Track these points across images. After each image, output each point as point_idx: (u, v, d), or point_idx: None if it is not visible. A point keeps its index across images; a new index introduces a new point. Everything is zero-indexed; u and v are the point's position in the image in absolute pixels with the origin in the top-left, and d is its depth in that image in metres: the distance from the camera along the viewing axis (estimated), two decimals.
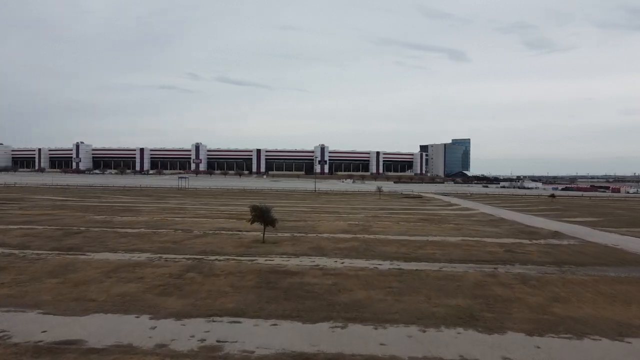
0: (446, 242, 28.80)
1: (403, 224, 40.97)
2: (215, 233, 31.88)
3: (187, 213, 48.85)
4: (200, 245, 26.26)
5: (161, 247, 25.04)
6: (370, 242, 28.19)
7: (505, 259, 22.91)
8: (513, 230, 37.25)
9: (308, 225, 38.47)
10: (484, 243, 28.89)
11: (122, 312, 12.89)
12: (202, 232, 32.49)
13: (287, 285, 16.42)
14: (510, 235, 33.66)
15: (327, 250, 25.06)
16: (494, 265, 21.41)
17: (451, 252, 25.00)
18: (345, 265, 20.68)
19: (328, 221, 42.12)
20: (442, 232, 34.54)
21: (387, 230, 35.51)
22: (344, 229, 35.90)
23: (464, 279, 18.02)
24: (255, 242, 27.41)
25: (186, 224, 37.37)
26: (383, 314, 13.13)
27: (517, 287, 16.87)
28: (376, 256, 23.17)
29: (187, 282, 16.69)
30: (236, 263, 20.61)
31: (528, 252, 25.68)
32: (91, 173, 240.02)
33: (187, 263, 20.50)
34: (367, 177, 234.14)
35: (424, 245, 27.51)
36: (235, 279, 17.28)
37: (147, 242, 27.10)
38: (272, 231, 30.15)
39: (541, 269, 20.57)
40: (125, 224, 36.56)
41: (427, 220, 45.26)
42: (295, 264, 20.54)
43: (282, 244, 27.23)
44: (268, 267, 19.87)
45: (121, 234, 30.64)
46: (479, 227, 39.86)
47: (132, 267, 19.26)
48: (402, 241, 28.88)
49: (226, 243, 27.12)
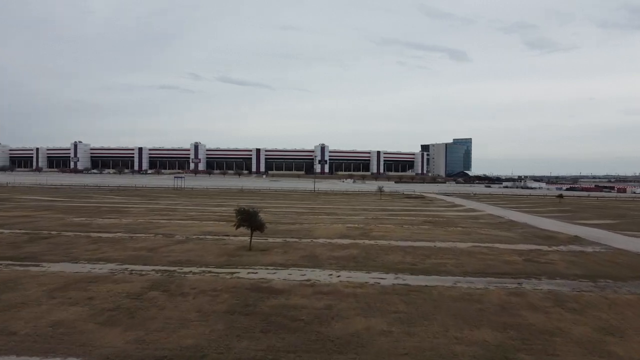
0: (456, 250, 25.60)
1: (406, 227, 37.76)
2: (199, 238, 28.71)
3: (175, 215, 45.71)
4: (178, 253, 23.09)
5: (132, 256, 21.88)
6: (370, 250, 25.00)
7: (529, 271, 19.70)
8: (527, 235, 34.03)
9: (303, 228, 35.30)
10: (499, 250, 25.67)
11: (42, 355, 9.73)
12: (185, 237, 29.33)
13: (268, 310, 13.25)
14: (525, 241, 30.44)
15: (321, 259, 21.87)
16: (517, 279, 18.22)
17: (464, 261, 21.80)
18: (342, 279, 17.50)
19: (325, 224, 38.94)
20: (450, 237, 31.35)
21: (390, 234, 32.32)
22: (342, 233, 32.72)
23: (485, 300, 14.83)
24: (241, 250, 24.24)
25: (170, 228, 34.23)
26: (389, 356, 9.95)
27: (553, 311, 13.68)
28: (378, 267, 20.00)
29: (144, 306, 13.52)
30: (212, 277, 17.44)
31: (551, 261, 22.47)
32: (89, 173, 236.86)
33: (154, 277, 17.33)
34: (368, 177, 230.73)
35: (432, 253, 24.31)
36: (205, 301, 14.10)
37: (119, 249, 23.93)
38: (262, 236, 27.01)
39: (574, 285, 17.36)
40: (103, 228, 33.43)
41: (432, 222, 42.04)
42: (282, 279, 17.36)
43: (272, 251, 24.05)
44: (249, 282, 16.68)
45: (94, 239, 27.48)
46: (488, 230, 36.65)
47: (86, 284, 16.09)
48: (406, 248, 25.69)
49: (208, 250, 23.94)
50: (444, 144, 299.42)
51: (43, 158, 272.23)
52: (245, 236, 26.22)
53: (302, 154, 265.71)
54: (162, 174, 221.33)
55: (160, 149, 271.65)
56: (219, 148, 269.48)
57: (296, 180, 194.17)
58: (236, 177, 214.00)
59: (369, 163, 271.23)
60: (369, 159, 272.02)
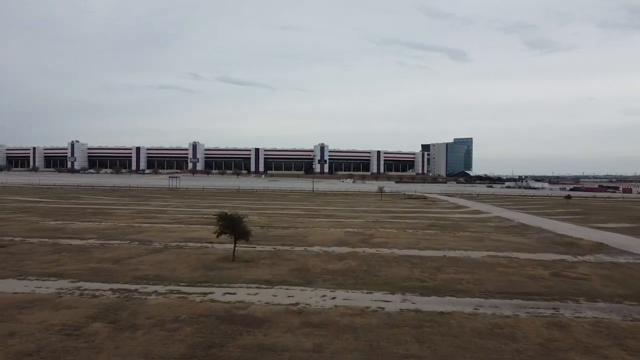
0: (470, 261, 22.38)
1: (410, 232, 34.56)
2: (178, 246, 25.49)
3: (162, 218, 42.53)
4: (148, 265, 19.88)
5: (93, 270, 18.67)
6: (371, 261, 21.79)
7: (562, 290, 16.49)
8: (544, 241, 30.83)
9: (298, 233, 32.09)
10: (519, 261, 22.45)
11: None
12: (164, 244, 26.12)
13: (237, 354, 10.05)
14: (544, 248, 27.24)
15: (314, 274, 18.67)
16: (550, 301, 15.02)
17: (482, 276, 18.59)
18: (337, 303, 14.30)
19: (322, 228, 35.73)
20: (460, 244, 28.15)
21: (393, 241, 29.11)
22: (339, 239, 29.51)
23: (519, 334, 11.63)
24: (223, 261, 21.04)
25: (151, 233, 31.03)
26: None
27: (613, 354, 10.45)
28: (381, 285, 16.80)
29: (76, 347, 10.32)
30: (178, 301, 14.23)
31: (584, 276, 19.25)
32: (86, 172, 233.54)
33: (106, 301, 14.13)
34: (368, 177, 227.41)
35: (442, 264, 21.09)
36: (159, 339, 10.89)
37: (81, 260, 20.73)
38: (250, 243, 23.84)
39: (623, 311, 14.16)
40: (76, 233, 30.22)
41: (437, 226, 38.83)
42: (264, 302, 14.16)
43: (258, 263, 20.85)
44: (223, 308, 13.48)
45: (58, 248, 24.27)
46: (501, 235, 33.44)
47: (17, 310, 12.90)
48: (413, 258, 22.49)
49: (184, 262, 20.73)
50: (444, 143, 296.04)
51: (40, 158, 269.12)
52: (232, 244, 23.03)
53: (302, 153, 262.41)
54: (160, 174, 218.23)
55: (159, 148, 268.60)
56: (217, 148, 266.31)
57: (295, 180, 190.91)
58: (235, 177, 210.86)
59: (369, 163, 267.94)
60: (369, 159, 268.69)
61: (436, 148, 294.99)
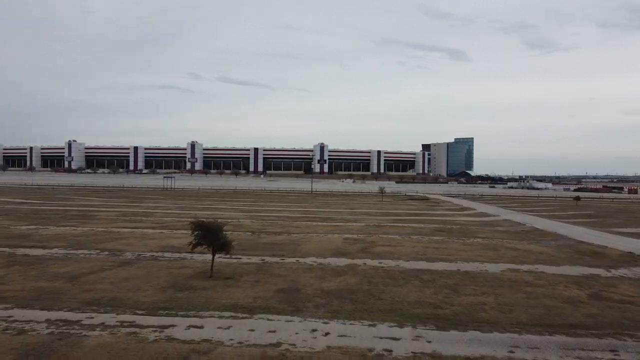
0: (489, 276, 19.17)
1: (416, 238, 31.36)
2: (153, 257, 22.32)
3: (146, 221, 39.35)
4: (107, 284, 16.68)
5: (37, 291, 15.47)
6: (374, 276, 18.58)
7: (612, 321, 13.29)
8: (566, 250, 27.62)
9: (291, 241, 28.90)
10: (547, 277, 19.22)
11: None
12: (137, 255, 22.94)
13: None
14: (570, 260, 24.04)
15: (305, 296, 15.47)
16: (603, 338, 11.81)
17: (508, 299, 15.37)
18: (331, 342, 11.11)
19: (319, 233, 32.54)
20: (473, 254, 24.94)
21: (397, 250, 25.91)
22: (337, 247, 26.30)
23: None
24: (199, 277, 17.86)
25: (128, 240, 27.86)
26: None
27: None
28: (386, 312, 13.61)
29: None
30: (126, 339, 11.02)
31: (630, 299, 16.01)
32: (82, 172, 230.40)
33: (34, 340, 10.94)
34: (368, 177, 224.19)
35: (458, 282, 17.88)
36: None
37: (30, 277, 17.51)
38: (237, 253, 20.69)
39: None
40: (42, 241, 27.03)
41: (444, 231, 35.63)
42: (235, 343, 10.96)
43: (240, 280, 17.65)
44: (179, 353, 10.27)
45: (12, 260, 21.07)
46: (516, 243, 30.24)
47: None
48: (422, 273, 19.28)
49: (152, 279, 17.53)
50: (445, 143, 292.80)
51: (37, 157, 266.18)
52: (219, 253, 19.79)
53: (301, 153, 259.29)
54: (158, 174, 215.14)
55: (157, 148, 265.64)
56: (216, 147, 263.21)
57: (294, 180, 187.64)
58: (233, 177, 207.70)
59: (369, 163, 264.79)
60: (369, 159, 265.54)
61: (437, 148, 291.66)
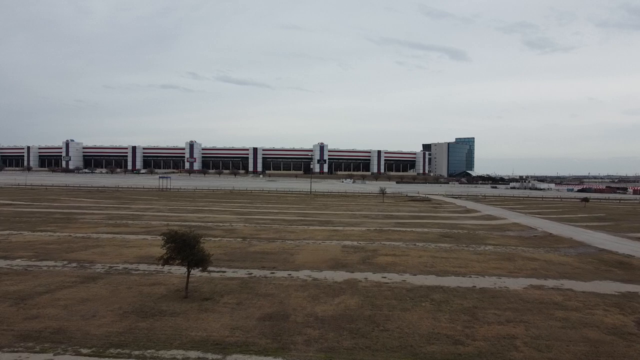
0: (512, 295, 16.44)
1: (421, 245, 28.67)
2: (125, 270, 19.61)
3: (131, 226, 36.73)
4: (59, 308, 13.98)
5: None
6: (377, 297, 15.87)
7: None
8: (589, 260, 24.92)
9: (285, 249, 26.19)
10: (577, 297, 16.50)
11: None
12: (107, 267, 20.24)
13: None
14: (596, 272, 21.33)
15: (294, 325, 12.77)
16: None
17: (541, 330, 12.65)
18: None
19: (316, 240, 29.84)
20: (487, 265, 22.25)
21: (402, 260, 23.20)
22: (335, 258, 23.59)
23: None
24: (171, 298, 15.16)
25: (103, 249, 25.17)
26: None
27: None
28: (393, 351, 10.94)
29: None
30: None
31: None
32: (80, 172, 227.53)
33: None
34: (368, 177, 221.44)
35: (476, 304, 15.15)
36: None
37: None
38: (220, 265, 18.04)
39: None
40: (9, 249, 24.35)
41: (451, 237, 32.95)
42: None
43: (219, 301, 14.93)
44: None
45: None
46: (531, 251, 27.54)
47: None
48: (433, 292, 16.56)
49: (114, 300, 14.83)
50: (446, 143, 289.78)
51: (35, 157, 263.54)
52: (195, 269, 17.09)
53: (301, 153, 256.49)
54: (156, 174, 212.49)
55: (155, 147, 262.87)
56: (215, 147, 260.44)
57: (294, 180, 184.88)
58: (232, 177, 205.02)
59: (369, 163, 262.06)
60: (369, 159, 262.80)
61: (438, 148, 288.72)
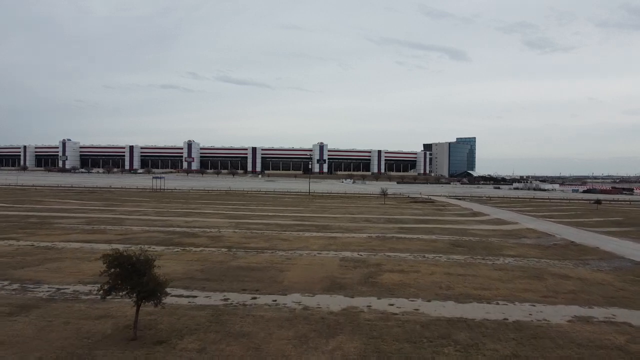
0: (556, 334, 12.76)
1: (432, 257, 25.00)
2: (71, 296, 15.93)
3: (108, 232, 33.18)
4: None
5: None
6: (385, 338, 12.16)
7: None
8: (630, 277, 21.28)
9: (274, 263, 22.53)
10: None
11: None
12: (54, 289, 16.58)
13: None
14: None
15: None
16: None
17: None
18: None
19: (311, 251, 26.18)
20: (514, 287, 18.59)
21: (412, 279, 19.53)
22: (332, 275, 19.91)
23: None
24: (113, 340, 11.50)
25: (62, 263, 21.57)
26: None
27: None
28: None
29: None
30: None
31: None
32: (76, 172, 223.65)
33: None
34: (368, 177, 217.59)
35: (515, 349, 11.39)
36: None
37: None
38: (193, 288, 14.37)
39: None
40: None
41: (464, 247, 29.28)
42: None
43: (175, 347, 11.25)
44: None
45: None
46: (559, 265, 23.87)
47: None
48: (456, 330, 12.91)
49: (36, 346, 11.14)
50: (447, 143, 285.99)
51: (31, 156, 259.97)
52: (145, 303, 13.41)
53: (300, 152, 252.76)
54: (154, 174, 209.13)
55: (153, 147, 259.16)
56: (213, 147, 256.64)
57: (293, 180, 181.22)
58: (230, 177, 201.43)
59: (369, 162, 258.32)
60: (369, 159, 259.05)
61: (439, 148, 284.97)
